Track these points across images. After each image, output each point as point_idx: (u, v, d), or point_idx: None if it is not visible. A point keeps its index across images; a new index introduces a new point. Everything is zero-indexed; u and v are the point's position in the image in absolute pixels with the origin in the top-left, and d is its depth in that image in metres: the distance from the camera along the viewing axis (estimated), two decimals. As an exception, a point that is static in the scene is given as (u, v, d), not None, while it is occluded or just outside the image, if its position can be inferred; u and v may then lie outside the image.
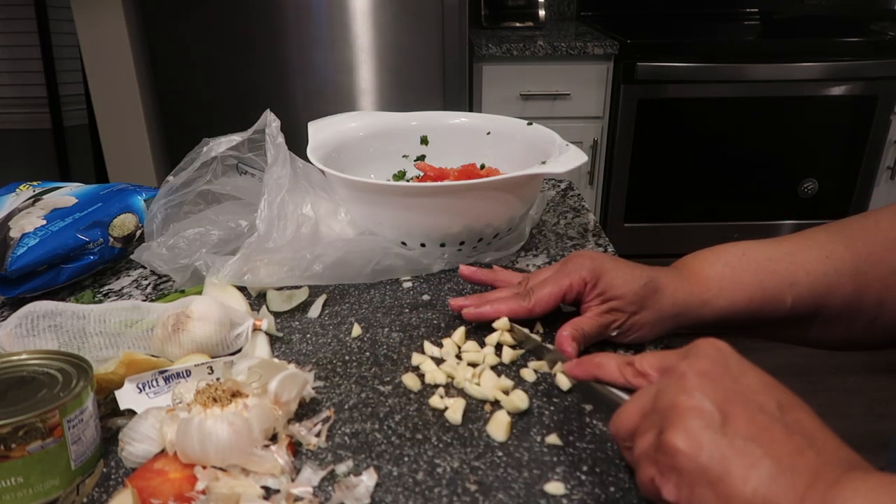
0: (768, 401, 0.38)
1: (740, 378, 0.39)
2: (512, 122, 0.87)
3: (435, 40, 1.84)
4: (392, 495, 0.45)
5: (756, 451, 0.35)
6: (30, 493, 0.44)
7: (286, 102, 1.88)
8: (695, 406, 0.37)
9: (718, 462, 0.35)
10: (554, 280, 0.60)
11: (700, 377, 0.39)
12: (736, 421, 0.36)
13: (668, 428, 0.37)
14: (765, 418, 0.36)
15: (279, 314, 0.67)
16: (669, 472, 0.37)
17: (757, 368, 0.40)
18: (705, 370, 0.39)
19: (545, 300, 0.59)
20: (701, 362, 0.40)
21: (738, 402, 0.37)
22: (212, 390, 0.48)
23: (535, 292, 0.60)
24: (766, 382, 0.39)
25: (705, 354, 0.41)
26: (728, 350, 0.41)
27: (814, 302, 0.56)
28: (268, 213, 0.69)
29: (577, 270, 0.59)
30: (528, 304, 0.60)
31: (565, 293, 0.59)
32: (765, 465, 0.34)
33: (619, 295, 0.57)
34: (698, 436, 0.36)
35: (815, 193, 2.13)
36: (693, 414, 0.37)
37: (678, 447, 0.36)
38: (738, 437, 0.36)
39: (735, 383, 0.38)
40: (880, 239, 0.56)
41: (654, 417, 0.39)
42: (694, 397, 0.38)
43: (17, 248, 0.68)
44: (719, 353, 0.41)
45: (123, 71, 1.90)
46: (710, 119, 2.06)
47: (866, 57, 1.99)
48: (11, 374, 0.48)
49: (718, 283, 0.57)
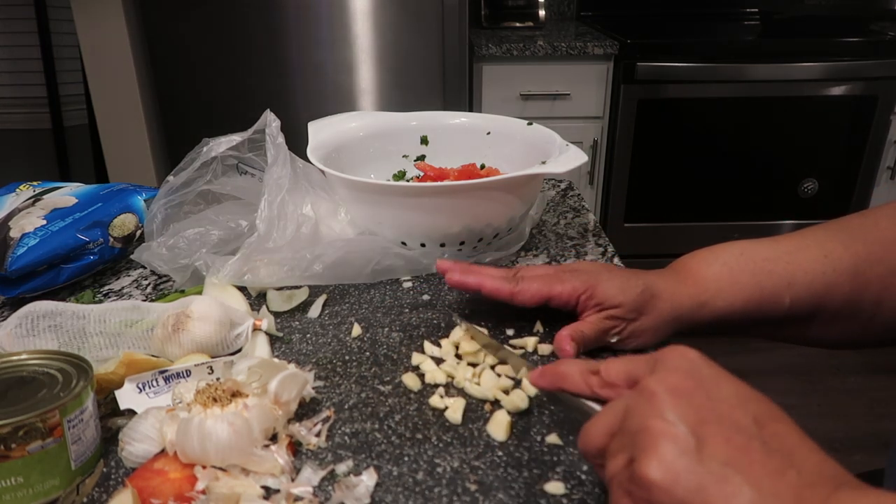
0: (744, 416, 0.35)
1: (713, 391, 0.37)
2: (512, 122, 0.87)
3: (435, 40, 1.84)
4: (392, 495, 0.45)
5: (735, 478, 0.33)
6: (30, 493, 0.44)
7: (286, 102, 1.88)
8: (667, 430, 0.35)
9: (696, 494, 0.33)
10: (545, 280, 0.59)
11: (671, 395, 0.36)
12: (712, 444, 0.34)
13: (640, 456, 0.35)
14: (741, 438, 0.34)
15: (279, 314, 0.67)
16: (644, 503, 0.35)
17: (730, 377, 0.38)
18: (676, 387, 0.37)
19: (530, 293, 0.59)
20: (671, 377, 0.37)
21: (712, 422, 0.35)
22: (212, 390, 0.48)
23: (523, 281, 0.60)
24: (741, 394, 0.37)
25: (675, 367, 0.38)
26: (699, 359, 0.39)
27: (812, 302, 0.56)
28: (268, 213, 0.69)
29: (570, 280, 0.59)
30: (512, 286, 0.59)
31: (553, 297, 0.59)
32: (745, 493, 0.32)
33: (616, 304, 0.57)
34: (673, 465, 0.34)
35: (815, 193, 2.13)
36: (666, 439, 0.34)
37: (652, 479, 0.34)
38: (715, 462, 0.33)
39: (708, 398, 0.36)
40: (879, 238, 0.56)
41: (624, 439, 0.37)
42: (666, 419, 0.35)
43: (17, 248, 0.68)
44: (690, 363, 0.39)
45: (123, 71, 1.90)
46: (710, 119, 2.06)
47: (866, 57, 1.99)
48: (11, 374, 0.48)
49: (716, 284, 0.57)
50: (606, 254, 0.79)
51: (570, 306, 0.59)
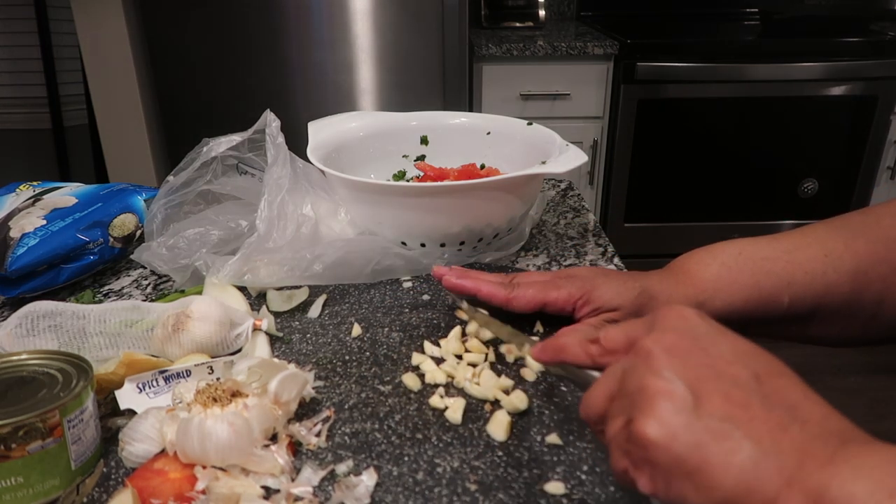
0: (743, 371, 0.35)
1: (711, 349, 0.36)
2: (512, 122, 0.87)
3: (435, 40, 1.84)
4: (392, 495, 0.45)
5: (734, 434, 0.32)
6: (30, 493, 0.44)
7: (286, 102, 1.88)
8: (664, 388, 0.34)
9: (695, 451, 0.32)
10: (541, 286, 0.60)
11: (667, 354, 0.36)
12: (710, 400, 0.33)
13: (637, 415, 0.35)
14: (741, 393, 0.33)
15: (279, 314, 0.67)
16: (643, 463, 0.34)
17: (729, 333, 0.37)
18: (673, 345, 0.36)
19: (526, 299, 0.59)
20: (668, 336, 0.37)
21: (710, 378, 0.34)
22: (212, 390, 0.48)
23: (519, 287, 0.60)
24: (740, 350, 0.36)
25: (672, 326, 0.38)
26: (695, 317, 0.38)
27: (811, 301, 0.56)
28: (268, 213, 0.69)
29: (566, 286, 0.59)
30: (508, 292, 0.60)
31: (548, 303, 0.59)
32: (745, 448, 0.32)
33: (614, 307, 0.57)
34: (671, 422, 0.33)
35: (815, 193, 2.13)
36: (663, 397, 0.34)
37: (650, 437, 0.33)
38: (714, 419, 0.33)
39: (706, 356, 0.35)
40: (881, 237, 0.55)
41: (623, 401, 0.37)
42: (663, 378, 0.35)
43: (17, 248, 0.68)
44: (686, 322, 0.38)
45: (123, 71, 1.90)
46: (710, 119, 2.06)
47: (866, 57, 1.99)
48: (11, 374, 0.48)
49: (714, 284, 0.57)
50: (606, 254, 0.79)
51: (566, 312, 0.59)
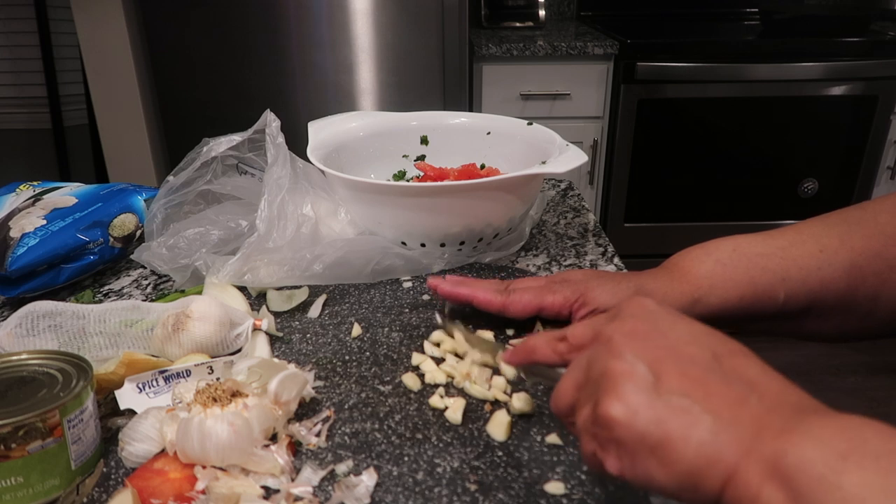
0: (701, 351, 0.36)
1: (669, 332, 0.37)
2: (512, 122, 0.87)
3: (435, 40, 1.84)
4: (392, 495, 0.45)
5: (693, 408, 0.33)
6: (30, 493, 0.44)
7: (286, 102, 1.88)
8: (625, 370, 0.35)
9: (656, 426, 0.33)
10: (537, 292, 0.60)
11: (627, 338, 0.37)
12: (669, 378, 0.34)
13: (601, 397, 0.36)
14: (698, 370, 0.35)
15: (279, 314, 0.67)
16: (609, 443, 0.36)
17: (688, 319, 0.39)
18: (632, 329, 0.38)
19: (522, 304, 0.60)
20: (628, 322, 0.38)
21: (669, 358, 0.35)
22: (212, 390, 0.48)
23: (514, 293, 0.60)
24: (698, 331, 0.37)
25: (631, 314, 0.39)
26: (654, 306, 0.40)
27: (807, 296, 0.56)
28: (268, 213, 0.69)
29: (561, 290, 0.59)
30: (503, 298, 0.60)
31: (544, 308, 0.59)
32: (704, 421, 0.33)
33: (609, 307, 0.57)
34: (632, 401, 0.34)
35: (815, 193, 2.13)
36: (624, 378, 0.35)
37: (613, 417, 0.35)
38: (674, 395, 0.34)
39: (664, 338, 0.37)
40: (878, 233, 0.55)
41: (589, 388, 0.38)
42: (624, 360, 0.36)
43: (17, 248, 0.68)
44: (645, 310, 0.39)
45: (123, 71, 1.90)
46: (710, 119, 2.06)
47: (866, 57, 1.99)
48: (11, 374, 0.48)
49: (709, 280, 0.57)
50: (606, 254, 0.79)
51: (562, 316, 0.59)
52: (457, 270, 0.74)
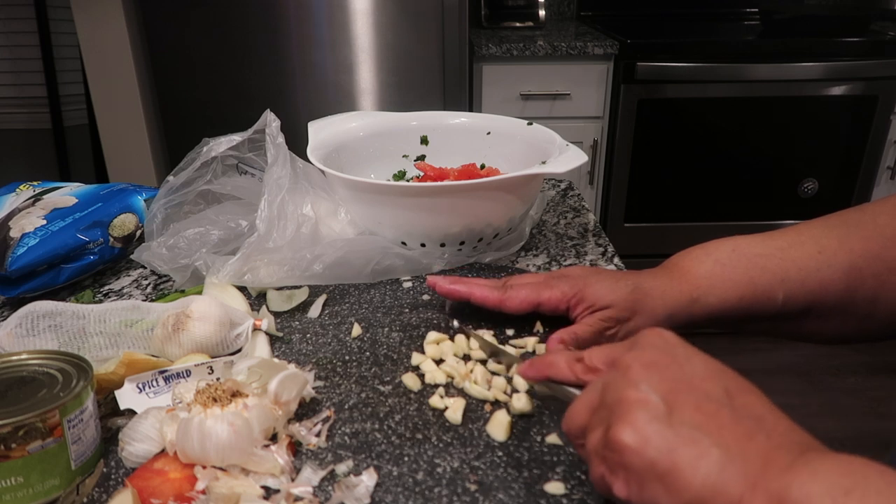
0: (715, 387, 0.37)
1: (685, 365, 0.38)
2: (512, 122, 0.87)
3: (435, 40, 1.84)
4: (392, 495, 0.45)
5: (704, 440, 0.34)
6: (30, 493, 0.44)
7: (286, 102, 1.88)
8: (640, 398, 0.36)
9: (666, 455, 0.34)
10: (534, 287, 0.60)
11: (645, 368, 0.38)
12: (682, 410, 0.35)
13: (614, 423, 0.37)
14: (712, 405, 0.36)
15: (279, 314, 0.67)
16: (618, 468, 0.36)
17: (703, 355, 0.40)
18: (650, 360, 0.39)
19: (519, 299, 0.60)
20: (646, 353, 0.39)
21: (683, 391, 0.37)
22: (212, 390, 0.48)
23: (512, 289, 0.60)
24: (713, 368, 0.38)
25: (650, 344, 0.40)
26: (674, 338, 0.41)
27: (806, 297, 0.56)
28: (268, 213, 0.69)
29: (559, 286, 0.59)
30: (500, 294, 0.60)
31: (542, 303, 0.59)
32: (713, 454, 0.33)
33: (607, 304, 0.57)
34: (644, 429, 0.35)
35: (815, 193, 2.13)
36: (639, 406, 0.36)
37: (625, 443, 0.35)
38: (685, 427, 0.35)
39: (680, 371, 0.38)
40: (877, 235, 0.55)
41: (603, 413, 0.39)
42: (640, 389, 0.37)
43: (17, 248, 0.68)
44: (665, 341, 0.40)
45: (123, 71, 1.90)
46: (710, 119, 2.06)
47: (866, 57, 1.99)
48: (11, 374, 0.48)
49: (708, 280, 0.57)
50: (606, 254, 0.79)
51: (560, 311, 0.60)
52: (457, 270, 0.74)
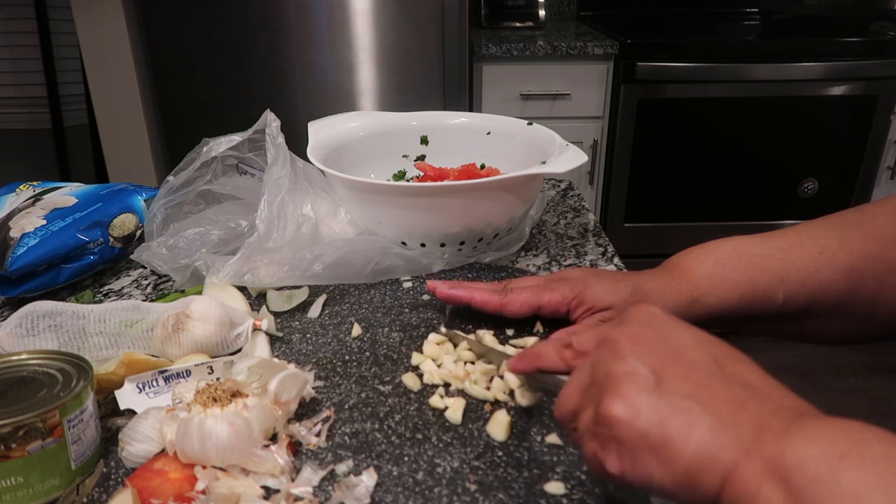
0: (704, 356, 0.37)
1: (673, 337, 0.38)
2: (512, 122, 0.87)
3: (435, 40, 1.84)
4: (392, 495, 0.45)
5: (695, 409, 0.34)
6: (30, 493, 0.44)
7: (286, 102, 1.88)
8: (629, 371, 0.36)
9: (657, 425, 0.34)
10: (534, 290, 0.60)
11: (632, 342, 0.38)
12: (671, 380, 0.35)
13: (604, 398, 0.36)
14: (701, 374, 0.35)
15: (279, 314, 0.67)
16: (610, 442, 0.36)
17: (691, 326, 0.39)
18: (637, 334, 0.38)
19: (519, 303, 0.60)
20: (633, 328, 0.39)
21: (672, 362, 0.36)
22: (212, 390, 0.48)
23: (512, 293, 0.60)
24: (701, 338, 0.38)
25: (636, 320, 0.40)
26: (660, 313, 0.40)
27: (805, 298, 0.56)
28: (268, 213, 0.69)
29: (559, 289, 0.59)
30: (500, 297, 0.60)
31: (542, 306, 0.59)
32: (705, 421, 0.33)
33: (607, 305, 0.57)
34: (634, 400, 0.35)
35: (815, 193, 2.13)
36: (627, 379, 0.36)
37: (615, 415, 0.35)
38: (676, 396, 0.34)
39: (668, 343, 0.38)
40: (877, 236, 0.55)
41: (593, 390, 0.38)
42: (628, 362, 0.37)
43: (17, 248, 0.68)
44: (650, 316, 0.40)
45: (123, 71, 1.90)
46: (710, 119, 2.06)
47: (866, 57, 1.99)
48: (11, 374, 0.48)
49: (708, 280, 0.57)
50: (606, 254, 0.79)
51: (560, 314, 0.60)
52: (457, 270, 0.74)
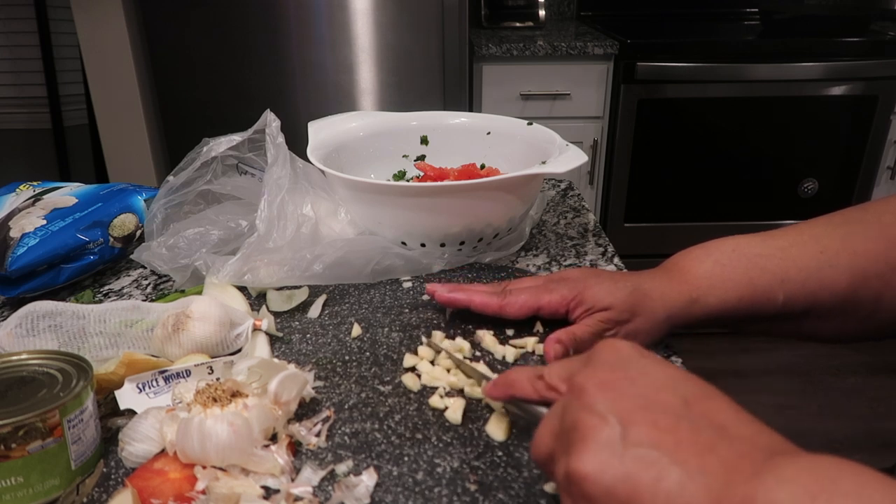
0: (672, 398, 0.35)
1: (640, 379, 0.37)
2: (512, 122, 0.87)
3: (435, 40, 1.84)
4: (392, 495, 0.45)
5: (662, 460, 0.32)
6: (30, 493, 0.44)
7: (286, 102, 1.88)
8: (594, 423, 0.35)
9: (624, 481, 0.32)
10: (534, 291, 0.60)
11: (598, 388, 0.36)
12: (638, 429, 0.34)
13: (571, 451, 0.35)
14: (668, 419, 0.34)
15: (279, 314, 0.67)
16: (581, 500, 0.34)
17: (662, 362, 0.38)
18: (604, 379, 0.37)
19: (518, 304, 0.60)
20: (598, 372, 0.38)
21: (639, 409, 0.35)
22: (212, 390, 0.48)
23: (511, 294, 0.60)
24: (670, 376, 0.37)
25: (603, 361, 0.39)
26: (629, 350, 0.39)
27: (806, 298, 0.55)
28: (268, 213, 0.69)
29: (558, 289, 0.59)
30: (500, 300, 0.60)
31: (541, 307, 0.59)
32: (672, 474, 0.32)
33: (606, 305, 0.57)
34: (599, 455, 0.34)
35: (815, 193, 2.13)
36: (593, 432, 0.34)
37: (582, 472, 0.34)
38: (642, 447, 0.33)
39: (635, 386, 0.36)
40: (881, 235, 0.55)
41: (563, 438, 0.37)
42: (594, 412, 0.35)
43: (18, 248, 0.68)
44: (618, 356, 0.39)
45: (123, 71, 1.90)
46: (710, 119, 2.06)
47: (866, 57, 1.99)
48: (11, 374, 0.48)
49: (708, 281, 0.57)
50: (606, 254, 0.79)
51: (560, 315, 0.59)
52: (457, 270, 0.74)
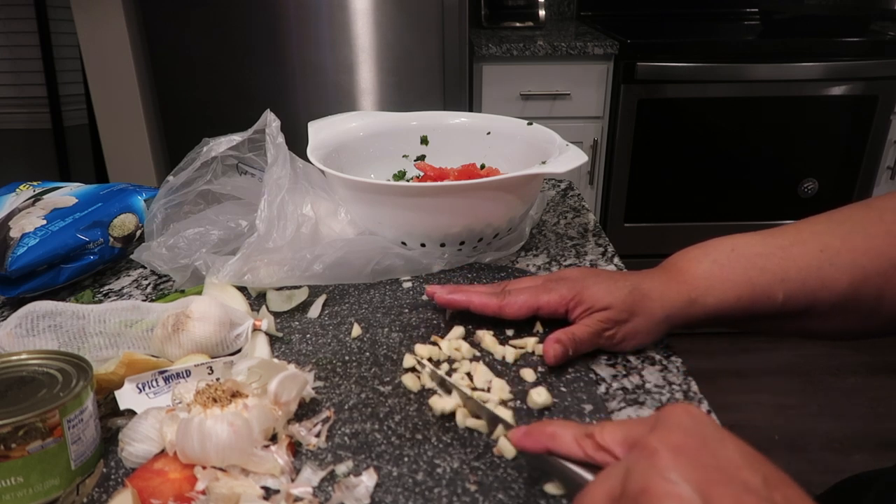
0: (754, 477, 0.32)
1: (720, 451, 0.34)
2: (512, 122, 0.87)
3: (435, 40, 1.84)
4: (392, 495, 0.45)
5: None
6: (30, 493, 0.44)
7: (286, 102, 1.88)
8: (670, 491, 0.32)
9: None
10: (533, 291, 0.60)
11: (674, 454, 0.33)
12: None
13: None
14: (752, 499, 0.31)
15: (279, 314, 0.67)
16: None
17: (736, 438, 0.35)
18: (679, 445, 0.34)
19: (518, 305, 0.60)
20: (674, 435, 0.35)
21: (720, 482, 0.32)
22: (212, 390, 0.48)
23: (510, 295, 0.60)
24: (749, 454, 0.34)
25: (677, 424, 0.35)
26: (703, 417, 0.36)
27: (807, 296, 0.55)
28: (268, 213, 0.69)
29: (557, 289, 0.59)
30: (499, 300, 0.60)
31: (541, 307, 0.59)
32: None
33: (605, 305, 0.57)
34: None
35: (815, 193, 2.13)
36: (670, 500, 0.32)
37: None
38: None
39: (714, 458, 0.33)
40: (883, 232, 0.54)
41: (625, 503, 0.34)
42: (669, 479, 0.32)
43: (17, 248, 0.68)
44: (693, 421, 0.36)
45: (123, 71, 1.90)
46: (710, 119, 2.06)
47: (866, 57, 1.99)
48: (11, 374, 0.48)
49: (706, 281, 0.56)
50: (606, 254, 0.79)
51: (559, 315, 0.59)
52: (457, 270, 0.74)
